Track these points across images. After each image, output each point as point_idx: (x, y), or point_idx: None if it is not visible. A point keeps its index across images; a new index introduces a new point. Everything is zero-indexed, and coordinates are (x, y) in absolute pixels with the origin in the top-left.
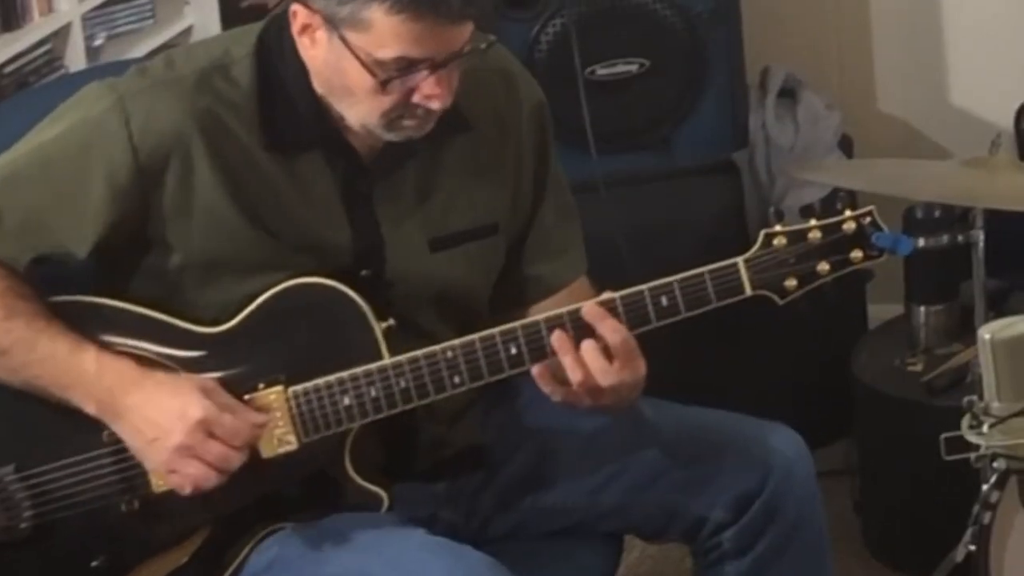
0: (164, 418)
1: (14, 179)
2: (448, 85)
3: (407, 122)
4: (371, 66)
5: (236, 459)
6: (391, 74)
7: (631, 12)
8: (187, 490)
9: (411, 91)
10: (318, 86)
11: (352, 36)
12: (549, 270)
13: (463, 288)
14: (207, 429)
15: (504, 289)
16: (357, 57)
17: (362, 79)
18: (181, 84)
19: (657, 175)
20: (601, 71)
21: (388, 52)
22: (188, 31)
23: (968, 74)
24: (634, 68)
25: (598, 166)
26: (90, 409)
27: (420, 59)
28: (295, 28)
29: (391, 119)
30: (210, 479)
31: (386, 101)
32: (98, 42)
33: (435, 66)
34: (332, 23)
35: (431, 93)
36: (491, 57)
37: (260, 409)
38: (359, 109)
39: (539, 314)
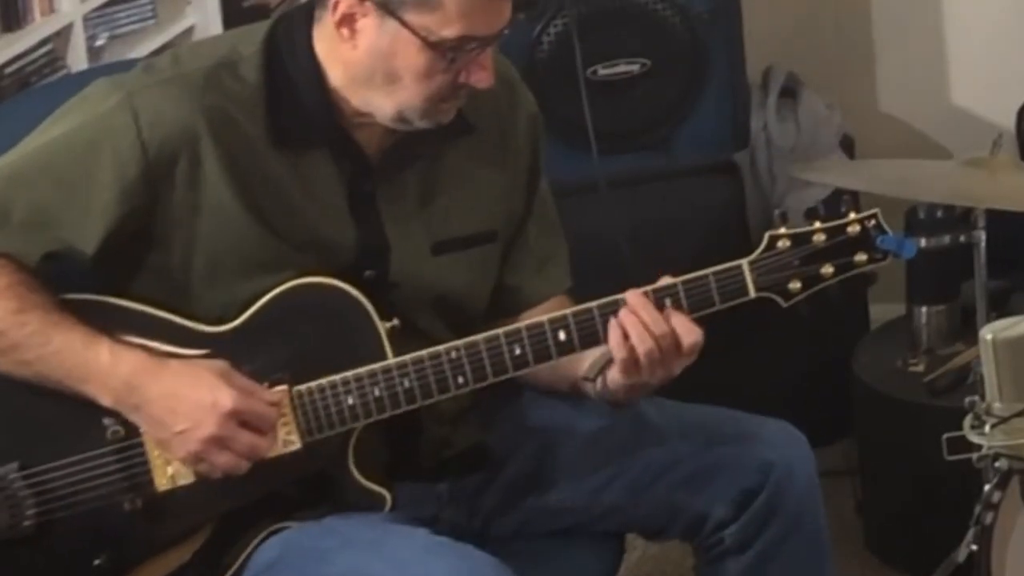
0: (192, 409)
1: (22, 175)
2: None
3: (445, 105)
4: (431, 47)
5: (265, 446)
6: (449, 55)
7: (632, 12)
8: (217, 476)
9: (460, 72)
10: (346, 79)
11: (414, 18)
12: (529, 283)
13: (463, 293)
14: (238, 419)
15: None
16: (419, 36)
17: (416, 61)
18: (189, 80)
19: (658, 175)
20: (602, 71)
21: (453, 30)
22: (190, 31)
23: (969, 74)
24: (635, 68)
25: (599, 166)
26: (107, 401)
27: (479, 36)
28: (334, 19)
29: (434, 103)
30: (241, 467)
31: (433, 84)
32: (100, 42)
33: (485, 44)
34: (388, 7)
35: (482, 73)
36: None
37: None
38: (401, 95)
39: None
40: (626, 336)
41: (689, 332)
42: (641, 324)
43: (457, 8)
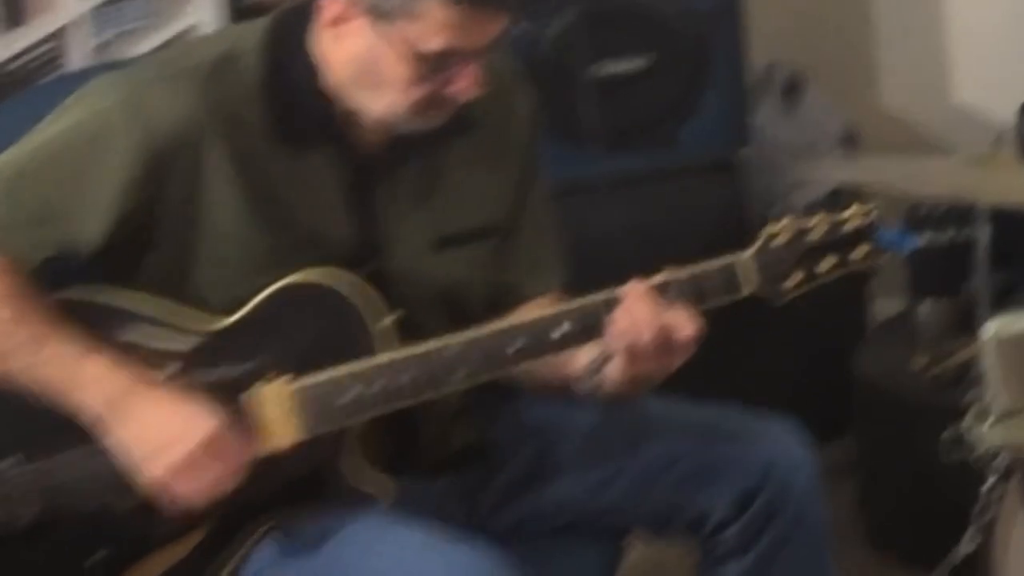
0: (168, 432)
1: (25, 172)
2: (480, 76)
3: (433, 112)
4: (414, 57)
5: (234, 481)
6: (432, 66)
7: (634, 10)
8: (176, 509)
9: (445, 83)
10: (337, 79)
11: (399, 27)
12: (522, 280)
13: (464, 288)
14: (213, 448)
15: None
16: (403, 46)
17: (399, 69)
18: (191, 76)
19: (660, 173)
20: (603, 69)
21: (436, 43)
22: (190, 29)
23: (971, 71)
24: (636, 66)
25: (599, 165)
26: (91, 415)
27: (463, 50)
28: (324, 19)
29: (419, 109)
30: (200, 499)
31: (418, 92)
32: (101, 40)
33: (472, 57)
34: (375, 13)
35: (466, 84)
36: (494, 57)
37: (262, 404)
38: (387, 100)
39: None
40: (625, 329)
41: (683, 326)
42: (640, 316)
43: (439, 22)
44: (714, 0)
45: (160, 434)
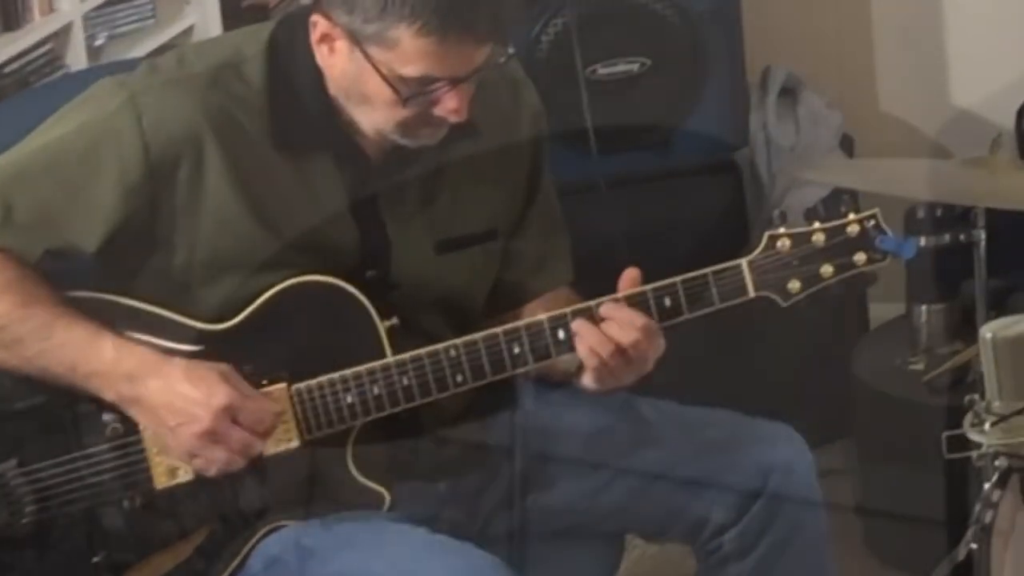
0: (188, 404)
1: (25, 174)
2: (467, 99)
3: (423, 130)
4: (394, 82)
5: (258, 446)
6: (413, 90)
7: (632, 11)
8: (211, 473)
9: (431, 104)
10: (333, 90)
11: (376, 52)
12: (529, 279)
13: (466, 291)
14: (232, 415)
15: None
16: (380, 72)
17: (382, 91)
18: (193, 81)
19: (657, 175)
20: (602, 71)
21: (413, 70)
22: (189, 31)
23: (969, 73)
24: (635, 68)
25: (598, 166)
26: (109, 396)
27: (443, 77)
28: (314, 36)
29: (409, 128)
30: (234, 464)
31: (404, 112)
32: (99, 42)
33: (456, 81)
34: (355, 38)
35: (451, 108)
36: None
37: None
38: (375, 117)
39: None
40: (583, 354)
41: (626, 332)
42: (593, 342)
43: (415, 51)
44: (712, 2)
45: (181, 407)
